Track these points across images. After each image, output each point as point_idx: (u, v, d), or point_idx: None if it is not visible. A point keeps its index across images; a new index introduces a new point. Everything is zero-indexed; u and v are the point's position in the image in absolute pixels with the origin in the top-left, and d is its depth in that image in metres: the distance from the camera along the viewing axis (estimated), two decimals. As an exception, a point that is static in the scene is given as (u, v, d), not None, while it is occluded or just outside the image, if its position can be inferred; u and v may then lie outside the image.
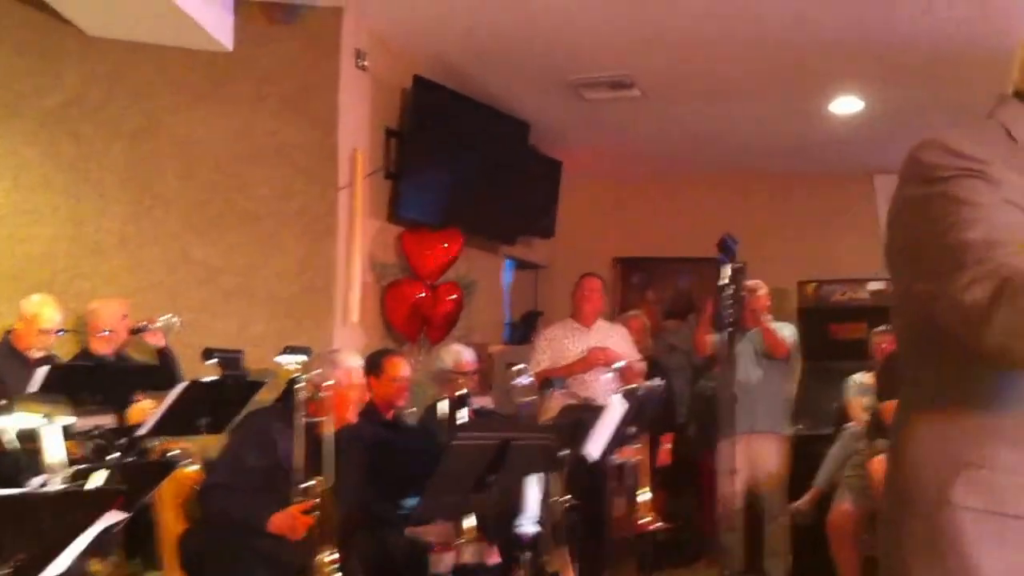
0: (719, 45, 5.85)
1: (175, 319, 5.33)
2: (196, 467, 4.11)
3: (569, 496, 4.79)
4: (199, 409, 4.46)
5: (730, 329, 5.34)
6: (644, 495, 5.85)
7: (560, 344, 6.26)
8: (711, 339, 6.22)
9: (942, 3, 5.16)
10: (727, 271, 4.20)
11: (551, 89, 6.70)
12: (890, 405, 5.52)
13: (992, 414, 1.51)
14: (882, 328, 7.08)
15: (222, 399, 4.48)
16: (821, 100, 6.79)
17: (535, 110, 7.15)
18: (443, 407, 5.03)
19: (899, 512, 1.60)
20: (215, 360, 4.58)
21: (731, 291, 4.60)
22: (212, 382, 4.51)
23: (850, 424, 6.44)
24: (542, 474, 4.45)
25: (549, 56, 6.14)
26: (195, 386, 4.45)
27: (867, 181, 8.51)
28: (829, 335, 7.98)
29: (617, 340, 6.35)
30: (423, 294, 6.52)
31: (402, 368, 4.95)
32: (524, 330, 8.24)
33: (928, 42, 5.68)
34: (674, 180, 8.86)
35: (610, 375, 6.11)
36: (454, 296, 6.78)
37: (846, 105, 6.79)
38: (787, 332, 6.44)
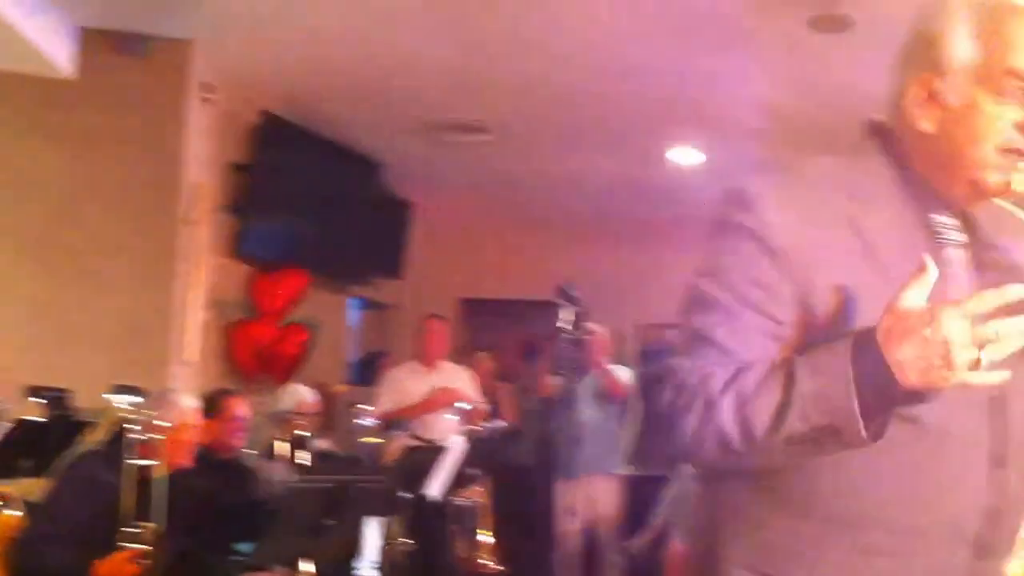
0: (568, 93, 5.98)
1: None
2: (17, 513, 3.94)
3: (409, 539, 4.77)
4: (22, 450, 4.28)
5: (570, 371, 5.43)
6: (485, 537, 5.86)
7: (403, 385, 6.24)
8: (552, 381, 6.31)
9: (778, 65, 5.38)
10: (567, 315, 4.28)
11: (404, 130, 6.73)
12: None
13: (771, 480, 1.48)
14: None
15: (47, 440, 4.30)
16: (664, 151, 6.99)
17: (387, 150, 7.16)
18: (282, 449, 4.95)
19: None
20: (41, 399, 4.40)
21: (571, 334, 4.67)
22: (36, 422, 4.33)
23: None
24: (382, 517, 4.42)
25: (403, 97, 6.17)
26: (19, 426, 4.28)
27: (706, 230, 8.77)
28: (668, 378, 8.14)
29: (460, 382, 6.38)
30: (270, 335, 6.42)
31: (240, 408, 4.85)
32: (369, 371, 8.20)
33: (766, 99, 5.91)
34: (523, 223, 8.98)
35: (453, 416, 6.13)
36: (302, 338, 6.70)
37: (686, 156, 7.02)
38: (625, 375, 6.58)
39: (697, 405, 1.38)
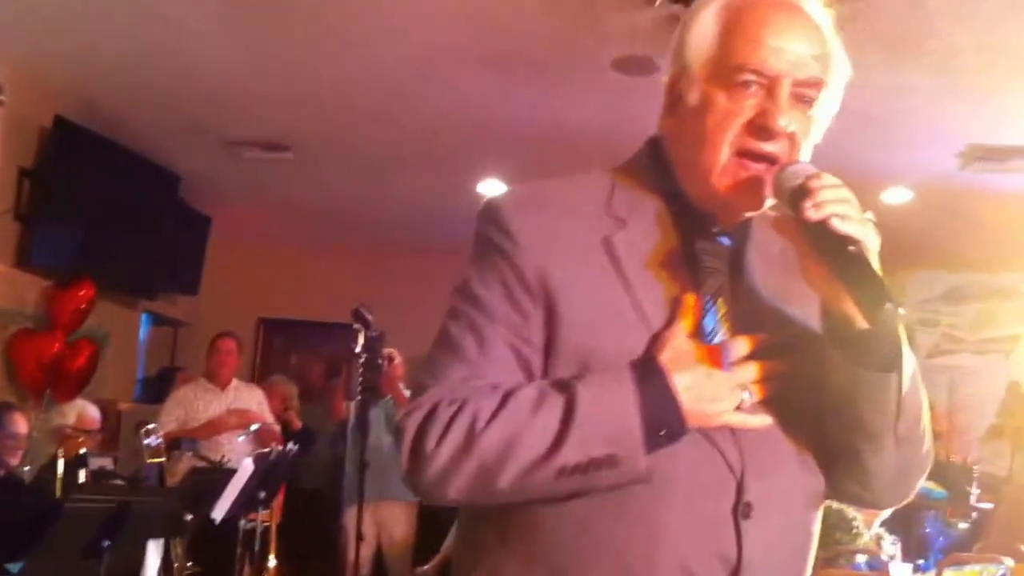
0: (373, 117, 6.01)
1: None
2: None
3: (191, 562, 4.68)
4: None
5: (365, 395, 5.43)
6: (272, 561, 5.80)
7: (193, 405, 6.11)
8: (346, 405, 6.30)
9: (595, 102, 5.56)
10: (361, 339, 4.31)
11: (204, 144, 6.61)
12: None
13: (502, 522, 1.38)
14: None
15: None
16: (469, 180, 7.09)
17: (187, 163, 7.01)
18: (60, 466, 4.77)
19: None
20: None
21: (365, 358, 4.69)
22: None
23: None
24: (163, 539, 4.32)
25: (203, 111, 6.07)
26: None
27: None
28: (464, 405, 8.26)
29: (252, 402, 6.29)
30: (57, 347, 6.16)
31: (17, 424, 4.65)
32: (158, 388, 7.96)
33: (571, 136, 6.09)
34: (324, 245, 8.94)
35: (243, 438, 6.04)
36: (90, 352, 6.46)
37: (492, 187, 7.14)
38: (420, 401, 6.62)
39: (455, 435, 1.26)
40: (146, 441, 5.33)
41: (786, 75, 1.33)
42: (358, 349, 4.40)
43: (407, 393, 6.51)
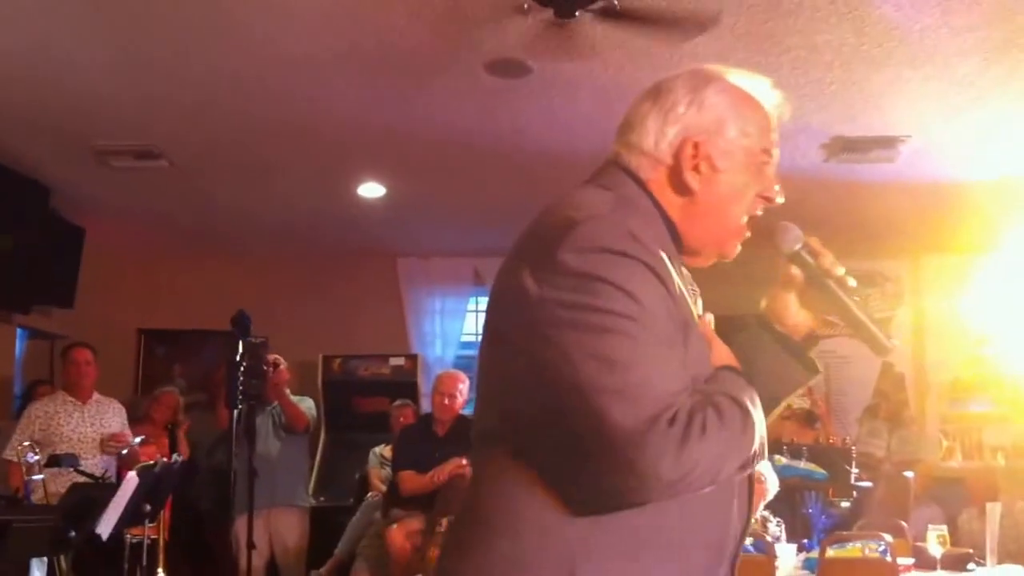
0: (247, 123, 5.92)
1: None
2: None
3: (76, 579, 4.57)
4: None
5: (250, 403, 5.38)
6: (161, 574, 5.69)
7: (53, 419, 5.89)
8: (230, 413, 6.22)
9: (468, 104, 5.59)
10: (242, 345, 4.26)
11: (73, 153, 6.43)
12: (407, 475, 5.85)
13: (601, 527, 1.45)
14: (400, 402, 7.48)
15: None
16: (350, 184, 7.06)
17: (56, 174, 6.81)
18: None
19: None
20: None
21: (248, 365, 4.65)
22: None
23: (370, 494, 6.70)
24: (46, 557, 4.22)
25: (70, 119, 5.90)
26: None
27: (391, 263, 8.94)
28: (353, 408, 8.25)
29: (115, 418, 6.15)
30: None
31: None
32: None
33: (449, 138, 6.11)
34: (203, 253, 8.79)
35: (124, 452, 5.93)
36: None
37: (371, 190, 7.13)
38: (307, 405, 6.59)
39: (706, 440, 1.37)
40: (26, 457, 5.20)
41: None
42: (238, 356, 4.35)
43: (294, 399, 6.47)
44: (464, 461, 5.81)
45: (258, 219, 7.97)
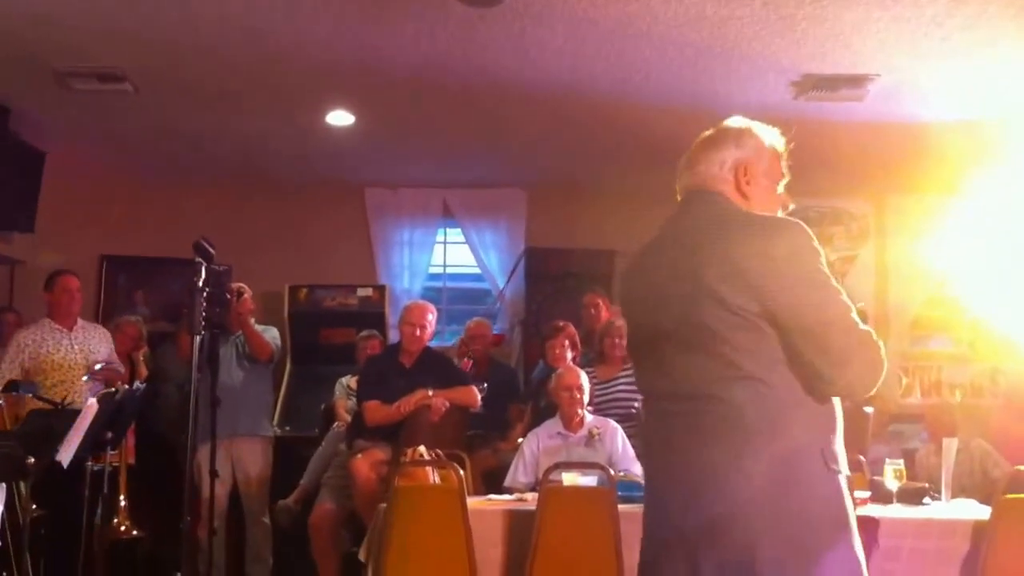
0: (217, 50, 5.82)
1: None
2: None
3: (37, 506, 4.56)
4: None
5: (213, 331, 5.33)
6: (122, 502, 5.70)
7: (40, 347, 5.91)
8: (192, 341, 6.17)
9: (440, 32, 5.51)
10: (204, 273, 4.20)
11: (33, 74, 6.28)
12: (372, 405, 5.84)
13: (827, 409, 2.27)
14: (366, 333, 7.45)
15: None
16: (318, 112, 6.96)
17: (16, 96, 6.66)
18: None
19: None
20: None
21: (211, 293, 4.59)
22: None
23: (335, 425, 6.69)
24: (4, 483, 4.20)
25: (31, 40, 5.75)
26: None
27: (359, 193, 8.87)
28: (319, 339, 8.22)
29: (102, 342, 6.13)
30: None
31: None
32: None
33: (419, 68, 6.02)
34: (168, 180, 8.65)
35: (87, 378, 5.89)
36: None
37: (339, 119, 7.03)
38: (272, 335, 6.56)
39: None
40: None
41: None
42: (200, 284, 4.29)
43: (258, 328, 6.43)
44: (430, 392, 5.82)
45: (225, 146, 7.86)
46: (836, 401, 2.29)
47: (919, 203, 8.13)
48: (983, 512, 4.73)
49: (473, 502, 4.84)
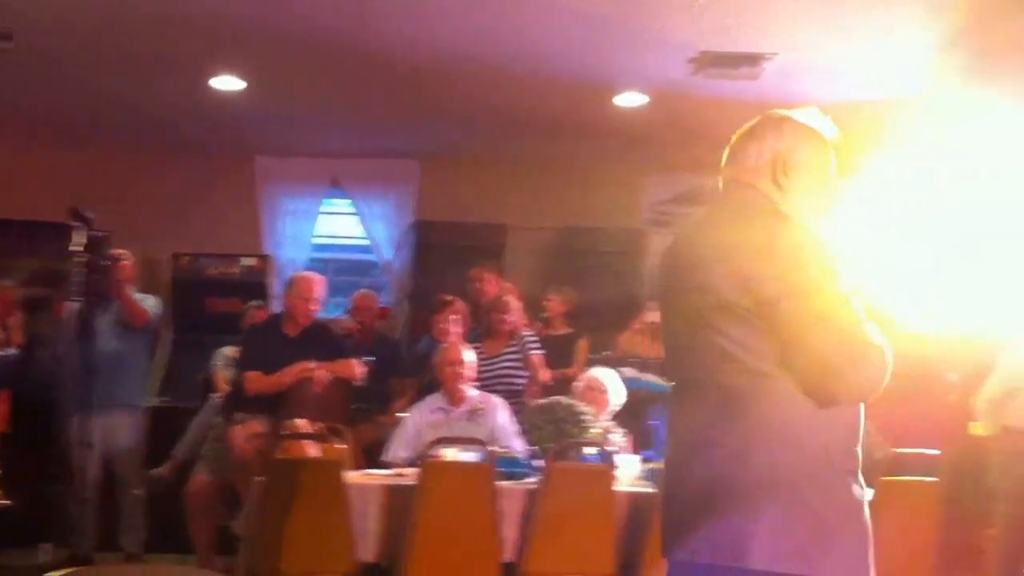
0: (102, 10, 5.61)
1: None
2: None
3: None
4: None
5: (90, 298, 5.18)
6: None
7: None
8: (68, 308, 5.99)
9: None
10: (80, 238, 4.05)
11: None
12: (252, 375, 5.73)
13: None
14: (255, 303, 7.31)
15: None
16: (207, 76, 6.76)
17: None
18: None
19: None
20: None
21: (88, 259, 4.44)
22: None
23: (214, 395, 6.57)
24: None
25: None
26: None
27: (248, 160, 8.68)
28: (203, 308, 8.05)
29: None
30: None
31: None
32: None
33: (311, 36, 5.89)
34: (47, 141, 8.32)
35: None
36: None
37: (229, 83, 6.85)
38: (150, 303, 6.40)
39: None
40: None
41: None
42: (76, 249, 4.14)
43: (136, 296, 6.26)
44: (312, 364, 5.73)
45: (109, 108, 7.60)
46: None
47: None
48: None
49: (352, 476, 4.79)
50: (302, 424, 5.07)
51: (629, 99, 6.92)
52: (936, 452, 5.06)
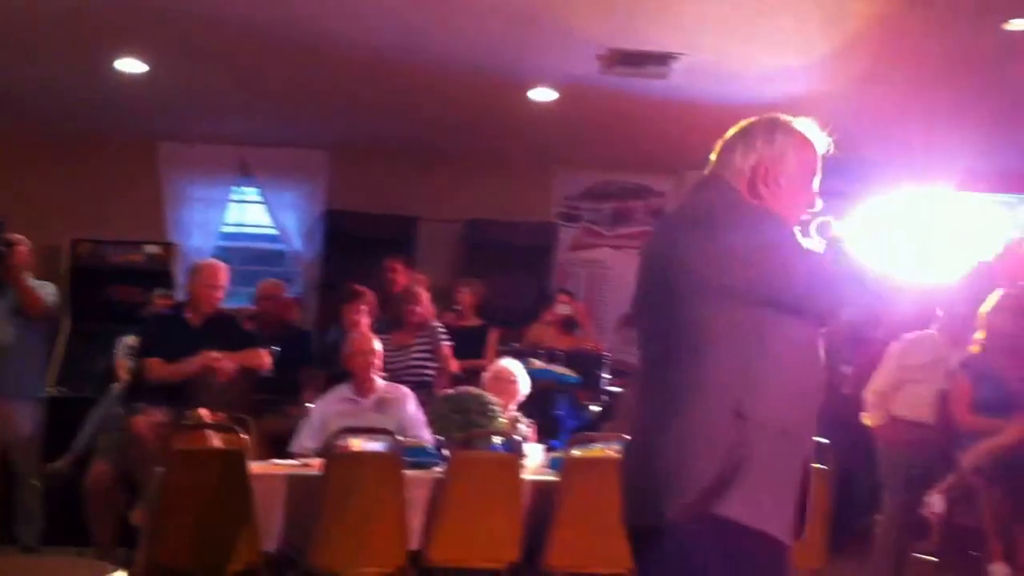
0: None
1: None
2: None
3: None
4: None
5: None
6: None
7: None
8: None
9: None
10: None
11: None
12: (154, 362, 5.61)
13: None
14: (160, 292, 7.18)
15: None
16: (108, 59, 6.61)
17: None
18: None
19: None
20: None
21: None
22: None
23: (115, 385, 6.44)
24: None
25: None
26: None
27: (151, 146, 8.51)
28: (104, 296, 7.89)
29: None
30: None
31: None
32: None
33: (217, 20, 5.80)
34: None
35: None
36: None
37: (130, 66, 6.70)
38: (48, 291, 6.23)
39: None
40: None
41: None
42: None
43: (33, 283, 6.10)
44: (215, 354, 5.64)
45: (6, 89, 7.38)
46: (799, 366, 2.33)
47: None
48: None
49: (256, 466, 4.72)
50: (204, 414, 4.98)
51: (541, 94, 6.95)
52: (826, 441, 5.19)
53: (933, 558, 5.31)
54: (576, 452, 4.84)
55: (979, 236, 8.34)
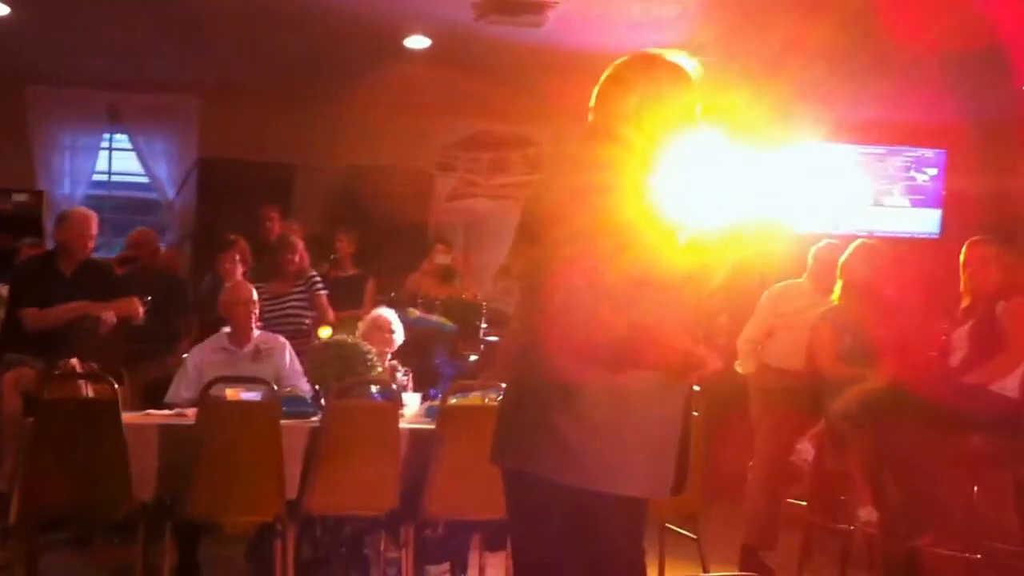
0: None
1: None
2: None
3: None
4: None
5: None
6: None
7: None
8: None
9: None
10: None
11: None
12: (32, 311, 5.46)
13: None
14: (31, 241, 6.99)
15: None
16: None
17: None
18: None
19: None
20: None
21: None
22: None
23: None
24: None
25: None
26: None
27: (18, 91, 8.22)
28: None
29: None
30: None
31: None
32: None
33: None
34: None
35: None
36: None
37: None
38: None
39: None
40: None
41: None
42: None
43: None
44: (90, 304, 5.55)
45: None
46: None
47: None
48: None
49: (130, 416, 4.67)
50: (75, 364, 4.89)
51: (416, 42, 6.92)
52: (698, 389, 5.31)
53: (804, 503, 5.46)
54: (453, 400, 4.89)
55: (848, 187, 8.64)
